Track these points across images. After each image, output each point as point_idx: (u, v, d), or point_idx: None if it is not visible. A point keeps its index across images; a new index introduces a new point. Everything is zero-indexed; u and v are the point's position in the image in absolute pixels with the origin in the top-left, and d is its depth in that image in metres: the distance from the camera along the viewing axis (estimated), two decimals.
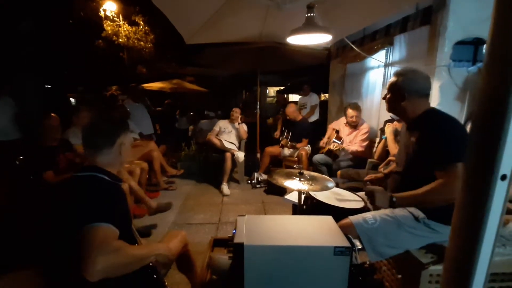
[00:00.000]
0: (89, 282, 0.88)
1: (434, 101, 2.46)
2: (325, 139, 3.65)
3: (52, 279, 1.11)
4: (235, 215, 2.96)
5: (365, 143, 3.31)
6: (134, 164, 3.24)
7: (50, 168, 2.34)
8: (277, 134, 4.24)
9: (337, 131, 3.62)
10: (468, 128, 0.48)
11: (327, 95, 5.16)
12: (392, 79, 1.50)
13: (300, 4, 2.06)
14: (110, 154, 1.18)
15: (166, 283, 1.25)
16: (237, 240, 0.97)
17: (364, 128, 3.38)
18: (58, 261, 1.10)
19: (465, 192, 0.47)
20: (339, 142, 3.33)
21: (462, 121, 2.41)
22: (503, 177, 0.41)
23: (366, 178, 1.89)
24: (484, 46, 2.49)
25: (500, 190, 0.42)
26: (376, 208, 1.49)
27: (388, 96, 1.52)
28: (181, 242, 1.41)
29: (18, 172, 2.38)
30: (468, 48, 2.70)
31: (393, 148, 2.49)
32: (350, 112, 3.33)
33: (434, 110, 1.47)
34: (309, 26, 1.98)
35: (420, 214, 1.38)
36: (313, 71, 6.02)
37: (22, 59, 5.10)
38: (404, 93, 1.42)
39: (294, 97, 12.55)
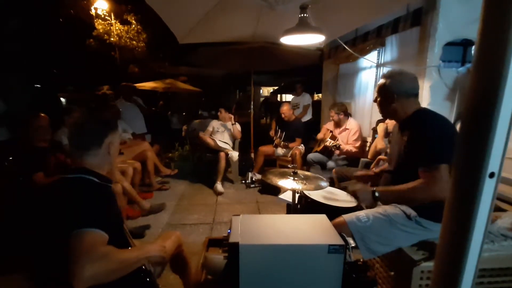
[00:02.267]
0: None
1: (425, 101, 2.50)
2: (320, 135, 3.81)
3: (41, 284, 1.08)
4: (229, 215, 2.96)
5: (358, 143, 3.38)
6: (126, 164, 3.20)
7: (40, 170, 2.29)
8: (271, 133, 4.27)
9: (331, 131, 3.69)
10: (458, 127, 0.50)
11: (320, 95, 5.19)
12: (380, 82, 1.53)
13: (293, 5, 2.07)
14: (98, 155, 1.13)
15: (160, 286, 1.24)
16: (232, 239, 0.97)
17: (353, 128, 3.44)
18: (46, 266, 1.07)
19: (455, 190, 0.48)
20: (334, 141, 3.42)
21: (452, 120, 2.47)
22: (491, 175, 0.42)
23: (357, 174, 1.92)
24: (473, 47, 2.56)
25: (488, 188, 0.43)
26: (369, 207, 1.52)
27: (378, 99, 1.55)
28: (175, 242, 1.40)
29: (7, 174, 2.33)
30: (457, 49, 2.76)
31: (381, 143, 2.56)
32: (330, 112, 3.61)
33: (425, 110, 1.50)
34: (302, 26, 1.99)
35: (411, 212, 1.41)
36: (306, 71, 6.05)
37: (11, 58, 4.98)
38: (393, 95, 1.45)
39: (288, 97, 12.63)
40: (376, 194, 1.39)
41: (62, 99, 8.89)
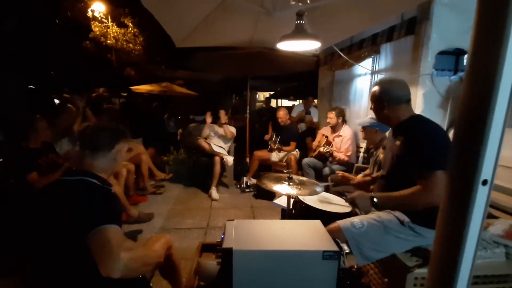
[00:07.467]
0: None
1: (418, 109, 2.54)
2: (315, 142, 3.80)
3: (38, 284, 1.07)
4: (223, 220, 2.94)
5: (349, 152, 3.38)
6: (120, 165, 3.17)
7: (33, 170, 2.26)
8: (267, 137, 4.28)
9: (327, 137, 3.71)
10: (451, 134, 0.50)
11: (316, 101, 5.22)
12: (373, 90, 1.58)
13: (290, 12, 2.09)
14: (106, 158, 1.19)
15: None
16: (226, 245, 0.96)
17: (347, 136, 3.44)
18: (48, 266, 1.06)
19: (448, 197, 0.48)
20: (329, 147, 3.45)
21: (444, 127, 2.50)
22: (484, 182, 0.43)
23: (354, 181, 1.93)
24: (465, 56, 2.61)
25: (481, 195, 0.43)
26: (366, 213, 1.52)
27: (372, 106, 1.60)
28: (165, 244, 1.37)
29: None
30: (450, 58, 2.81)
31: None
32: (329, 114, 3.61)
33: (419, 116, 1.52)
34: (298, 33, 2.01)
35: (405, 218, 1.41)
36: (302, 77, 6.10)
37: (6, 59, 4.92)
38: (383, 103, 1.50)
39: (284, 102, 12.69)
40: (375, 200, 1.39)
41: (57, 101, 8.78)
